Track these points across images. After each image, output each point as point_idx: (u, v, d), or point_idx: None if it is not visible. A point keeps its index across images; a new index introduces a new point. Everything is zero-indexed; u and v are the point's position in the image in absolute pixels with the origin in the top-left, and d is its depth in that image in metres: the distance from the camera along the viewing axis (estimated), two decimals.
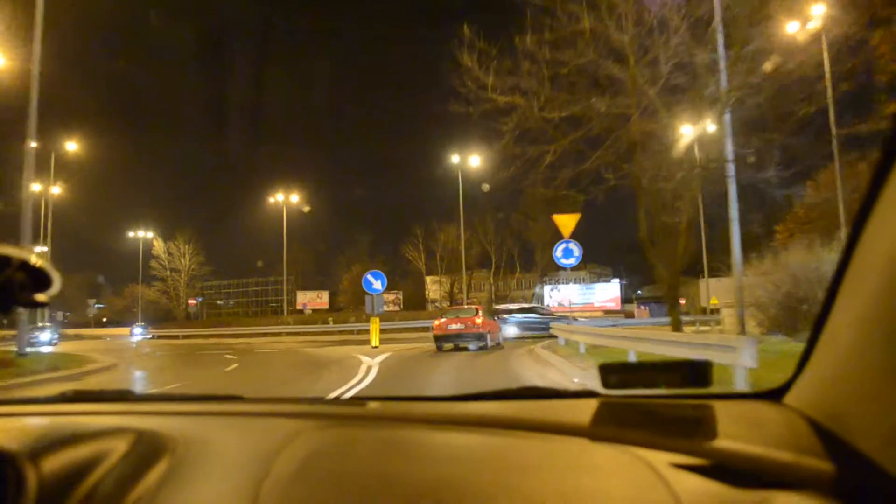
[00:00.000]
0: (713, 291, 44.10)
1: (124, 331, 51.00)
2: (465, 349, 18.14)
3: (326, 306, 58.31)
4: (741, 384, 6.65)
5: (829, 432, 0.93)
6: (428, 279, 62.13)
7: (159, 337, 42.75)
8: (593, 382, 1.31)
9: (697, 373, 1.22)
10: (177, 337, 42.08)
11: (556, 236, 57.15)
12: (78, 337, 43.83)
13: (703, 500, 0.83)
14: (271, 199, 56.50)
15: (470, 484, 0.92)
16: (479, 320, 18.89)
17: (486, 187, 42.52)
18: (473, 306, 20.73)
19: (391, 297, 58.61)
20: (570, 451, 1.01)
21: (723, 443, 0.96)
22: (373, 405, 1.39)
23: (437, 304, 57.81)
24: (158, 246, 68.89)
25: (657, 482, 0.86)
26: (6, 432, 1.03)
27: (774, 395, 1.18)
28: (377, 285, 22.14)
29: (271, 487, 0.91)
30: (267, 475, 0.94)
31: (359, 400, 1.43)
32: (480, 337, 18.53)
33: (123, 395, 1.55)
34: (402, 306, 57.13)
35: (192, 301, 60.36)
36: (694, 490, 0.84)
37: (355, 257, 62.95)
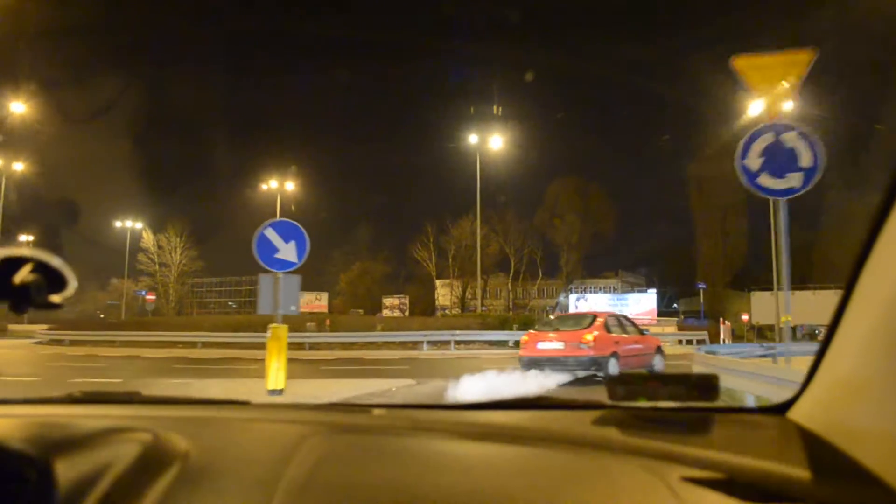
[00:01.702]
0: (768, 307, 38.30)
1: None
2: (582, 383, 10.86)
3: (325, 308, 52.25)
4: None
5: (833, 447, 0.95)
6: (438, 283, 55.95)
7: (52, 341, 30.25)
8: None
9: (704, 385, 1.23)
10: (62, 341, 29.69)
11: (584, 237, 49.54)
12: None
13: None
14: (264, 187, 50.57)
15: (476, 494, 0.91)
16: (589, 336, 11.22)
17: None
18: (589, 313, 12.93)
19: (395, 301, 52.80)
20: (578, 462, 1.01)
21: (730, 456, 0.96)
22: (378, 412, 1.38)
23: (446, 310, 51.29)
24: (147, 238, 63.41)
25: (668, 495, 0.86)
26: (23, 433, 1.04)
27: (779, 410, 1.19)
28: (286, 253, 9.06)
29: (281, 495, 0.90)
30: (276, 482, 0.93)
31: (365, 407, 1.43)
32: (591, 364, 11.08)
33: (132, 397, 1.54)
34: (407, 312, 50.66)
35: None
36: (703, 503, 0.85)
37: (355, 254, 56.57)
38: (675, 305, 56.76)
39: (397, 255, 59.87)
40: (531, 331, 12.64)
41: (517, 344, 24.48)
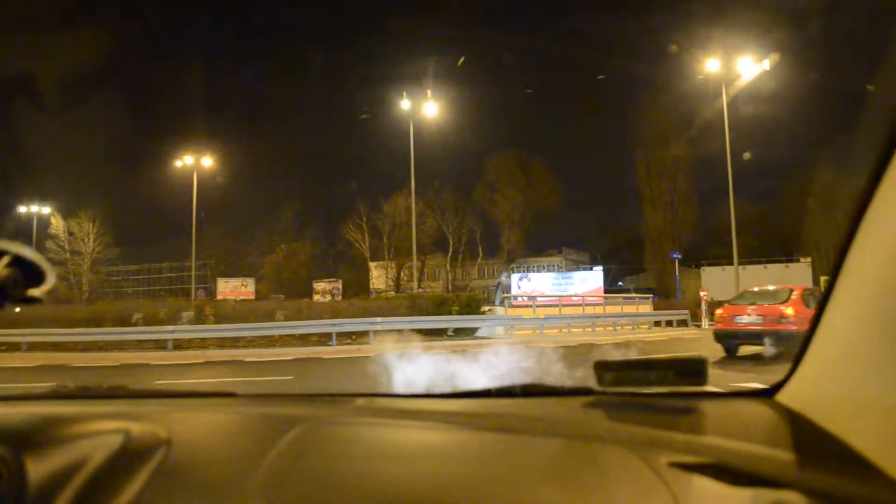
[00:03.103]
0: (718, 282, 36.72)
1: None
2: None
3: (252, 296, 47.93)
4: None
5: (821, 429, 0.96)
6: (372, 265, 52.26)
7: None
8: None
9: (692, 370, 1.24)
10: None
11: (526, 214, 46.46)
12: None
13: (701, 499, 0.84)
14: (178, 164, 46.00)
15: (463, 481, 0.91)
16: (790, 310, 11.03)
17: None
18: (785, 287, 12.32)
19: (328, 286, 48.94)
20: (566, 449, 1.01)
21: (719, 441, 0.97)
22: (362, 402, 1.40)
23: (381, 293, 47.86)
24: (57, 224, 57.47)
25: (656, 481, 0.86)
26: (0, 428, 1.04)
27: (768, 393, 1.19)
28: None
29: (262, 486, 0.91)
30: (258, 474, 0.94)
31: (349, 396, 1.45)
32: (791, 338, 9.87)
33: (116, 391, 1.55)
34: (340, 296, 46.92)
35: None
36: (692, 489, 0.85)
37: (280, 233, 52.18)
38: (619, 283, 54.73)
39: (327, 235, 55.88)
40: (726, 304, 12.63)
41: (458, 332, 20.63)
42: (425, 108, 33.89)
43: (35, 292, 0.92)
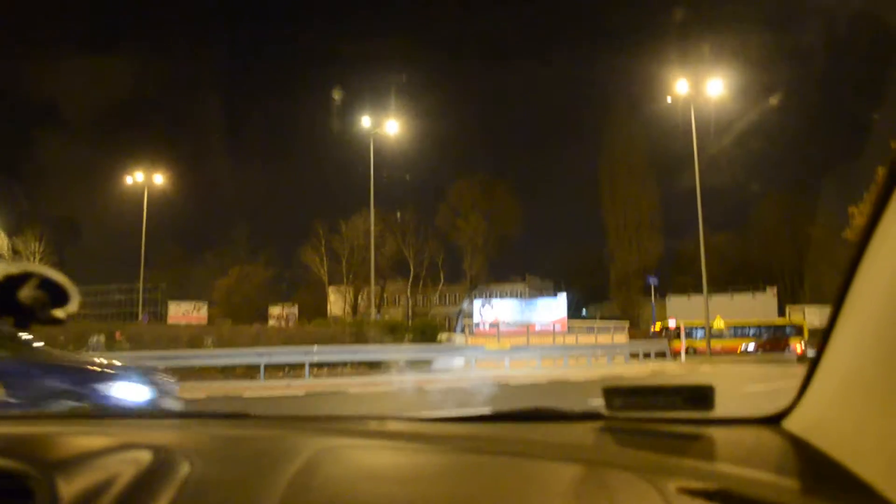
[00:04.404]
0: (684, 311, 36.00)
1: None
2: None
3: (205, 320, 45.82)
4: None
5: (827, 457, 0.97)
6: (330, 289, 50.52)
7: None
8: None
9: (700, 396, 1.26)
10: None
11: (490, 239, 45.44)
12: None
13: None
14: (129, 180, 44.18)
15: None
16: None
17: None
18: None
19: (283, 310, 47.08)
20: (575, 473, 1.01)
21: (726, 467, 0.99)
22: (373, 424, 1.44)
23: (337, 319, 46.19)
24: (0, 243, 54.53)
25: None
26: (25, 450, 1.06)
27: (774, 420, 1.22)
28: None
29: None
30: (274, 493, 0.94)
31: (362, 418, 1.48)
32: None
33: (133, 412, 1.60)
34: (296, 322, 45.07)
35: None
36: None
37: (231, 255, 50.27)
38: (584, 311, 53.73)
39: (284, 257, 54.26)
40: None
41: (410, 364, 18.31)
42: (387, 127, 32.75)
43: (59, 313, 0.94)
